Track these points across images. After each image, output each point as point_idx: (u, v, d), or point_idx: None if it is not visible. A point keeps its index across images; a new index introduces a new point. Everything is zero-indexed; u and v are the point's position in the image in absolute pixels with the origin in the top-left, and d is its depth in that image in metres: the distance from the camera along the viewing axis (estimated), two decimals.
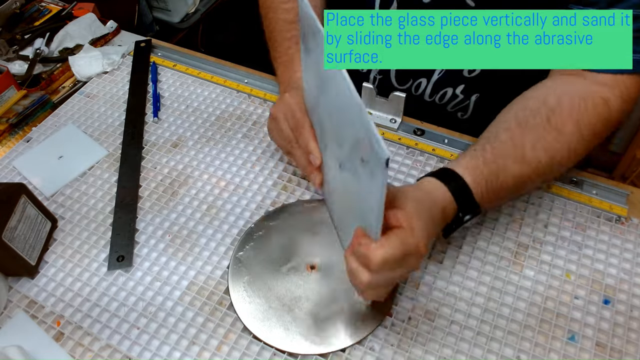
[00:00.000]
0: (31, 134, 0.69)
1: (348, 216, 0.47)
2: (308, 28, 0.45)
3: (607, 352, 0.47)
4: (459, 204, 0.48)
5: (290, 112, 0.54)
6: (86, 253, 0.56)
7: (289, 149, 0.56)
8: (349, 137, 0.40)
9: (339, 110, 0.41)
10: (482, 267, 0.53)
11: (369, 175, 0.37)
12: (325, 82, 0.44)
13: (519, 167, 0.49)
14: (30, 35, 0.81)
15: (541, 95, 0.53)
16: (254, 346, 0.48)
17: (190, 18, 1.59)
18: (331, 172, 0.50)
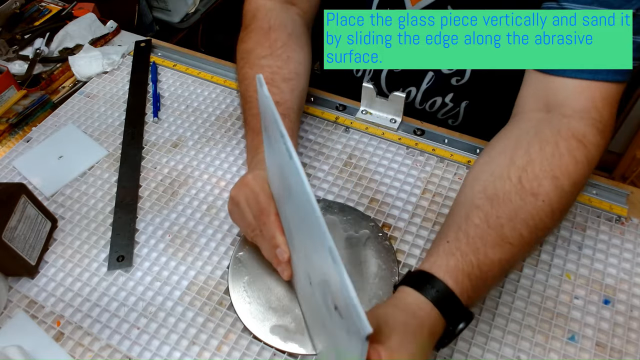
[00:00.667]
0: (31, 134, 0.69)
1: (321, 330, 0.43)
2: (269, 124, 0.39)
3: (607, 352, 0.47)
4: (448, 318, 0.42)
5: (252, 197, 0.47)
6: (86, 253, 0.56)
7: (252, 236, 0.49)
8: (318, 266, 0.35)
9: (306, 230, 0.36)
10: None
11: (345, 330, 0.32)
12: (289, 188, 0.37)
13: (500, 251, 0.43)
14: (30, 35, 0.81)
15: (507, 151, 0.48)
16: (254, 346, 0.48)
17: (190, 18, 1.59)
18: (299, 275, 0.44)
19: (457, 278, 0.42)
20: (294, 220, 0.40)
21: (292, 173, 0.34)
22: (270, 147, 0.42)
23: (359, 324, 0.28)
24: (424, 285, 0.42)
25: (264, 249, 0.48)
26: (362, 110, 0.68)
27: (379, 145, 0.65)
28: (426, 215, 0.57)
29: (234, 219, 0.52)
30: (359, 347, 0.30)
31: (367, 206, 0.58)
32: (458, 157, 0.62)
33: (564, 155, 0.45)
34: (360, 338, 0.29)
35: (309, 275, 0.39)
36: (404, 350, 0.37)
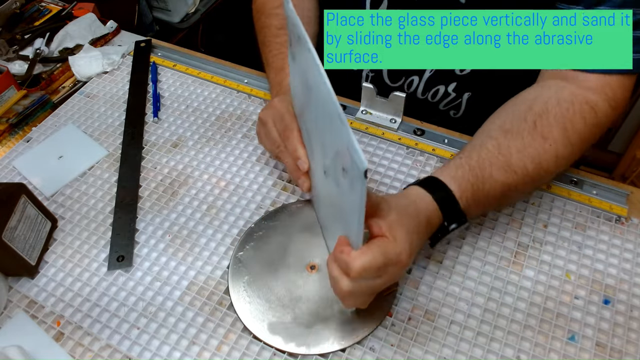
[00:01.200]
0: (31, 134, 0.69)
1: (333, 223, 0.47)
2: (293, 34, 0.45)
3: (607, 352, 0.47)
4: (444, 213, 0.47)
5: (278, 117, 0.54)
6: (86, 253, 0.56)
7: (277, 153, 0.55)
8: (332, 146, 0.40)
9: (323, 118, 0.41)
10: (482, 267, 0.53)
11: (349, 185, 0.37)
12: (310, 89, 0.43)
13: (504, 175, 0.49)
14: (30, 35, 0.81)
15: (528, 100, 0.53)
16: (254, 346, 0.48)
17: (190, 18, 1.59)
18: (317, 177, 0.49)
19: (459, 184, 0.47)
20: (314, 119, 0.45)
21: (311, 68, 0.40)
22: (294, 60, 0.47)
23: (357, 162, 0.32)
24: (430, 185, 0.48)
25: (286, 163, 0.54)
26: (362, 110, 0.68)
27: (379, 145, 0.65)
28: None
29: (261, 138, 0.59)
30: (359, 186, 0.34)
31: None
32: None
33: (576, 114, 0.50)
34: (359, 174, 0.33)
35: (325, 166, 0.44)
36: (403, 226, 0.42)
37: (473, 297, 0.51)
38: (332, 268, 0.42)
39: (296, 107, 0.53)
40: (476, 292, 0.51)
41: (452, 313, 0.50)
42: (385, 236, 0.41)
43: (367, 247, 0.40)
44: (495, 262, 0.53)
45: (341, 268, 0.41)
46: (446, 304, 0.50)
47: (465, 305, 0.50)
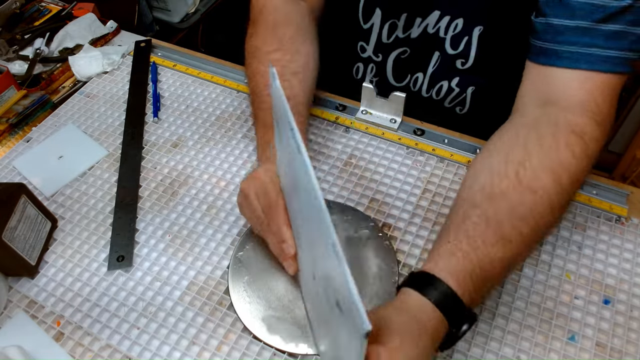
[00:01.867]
0: (31, 134, 0.69)
1: (323, 328, 0.43)
2: (279, 117, 0.40)
3: (607, 352, 0.47)
4: (450, 319, 0.41)
5: (262, 191, 0.48)
6: (86, 253, 0.56)
7: (259, 230, 0.50)
8: (322, 263, 0.35)
9: (312, 226, 0.36)
10: None
11: (345, 326, 0.32)
12: (297, 184, 0.38)
13: (501, 249, 0.43)
14: (30, 35, 0.81)
15: (503, 147, 0.48)
16: (254, 346, 0.48)
17: (190, 18, 1.59)
18: (305, 271, 0.44)
19: (458, 278, 0.41)
20: (301, 214, 0.40)
21: (299, 167, 0.35)
22: (281, 141, 0.42)
23: (358, 321, 0.28)
24: (426, 286, 0.41)
25: (270, 244, 0.48)
26: (362, 110, 0.68)
27: (379, 146, 0.65)
28: (426, 215, 0.57)
29: (243, 212, 0.52)
30: (358, 345, 0.29)
31: (367, 206, 0.58)
32: (458, 157, 0.62)
33: (561, 150, 0.45)
34: (359, 335, 0.28)
35: (314, 269, 0.39)
36: (404, 353, 0.37)
37: None
38: None
39: (283, 181, 0.47)
40: None
41: None
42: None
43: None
44: None
45: None
46: None
47: None
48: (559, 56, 0.48)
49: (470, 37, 0.63)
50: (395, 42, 0.68)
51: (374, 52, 0.69)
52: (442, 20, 0.63)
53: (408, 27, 0.66)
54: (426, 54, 0.68)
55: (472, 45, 0.64)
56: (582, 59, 0.47)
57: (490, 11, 0.60)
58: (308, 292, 0.46)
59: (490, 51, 0.64)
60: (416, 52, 0.68)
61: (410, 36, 0.66)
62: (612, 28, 0.46)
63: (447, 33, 0.64)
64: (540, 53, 0.50)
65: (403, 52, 0.69)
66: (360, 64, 0.73)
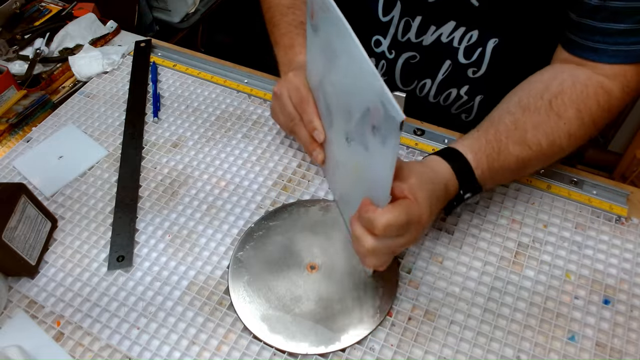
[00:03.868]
0: (31, 134, 0.69)
1: (354, 190, 0.48)
2: (316, 4, 0.46)
3: (607, 352, 0.47)
4: (461, 182, 0.49)
5: (294, 89, 0.55)
6: (86, 253, 0.56)
7: (291, 126, 0.57)
8: (359, 108, 0.41)
9: (350, 81, 0.42)
10: (482, 267, 0.53)
11: (380, 143, 0.38)
12: (334, 56, 0.44)
13: (519, 149, 0.51)
14: (30, 35, 0.81)
15: (545, 80, 0.54)
16: (254, 346, 0.48)
17: (190, 18, 1.59)
18: (337, 147, 0.51)
19: (476, 155, 0.50)
20: (337, 86, 0.46)
21: (338, 33, 0.41)
22: (316, 32, 0.48)
23: (393, 114, 0.33)
24: (447, 155, 0.50)
25: (301, 136, 0.56)
26: None
27: None
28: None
29: (275, 113, 0.60)
30: (393, 140, 0.35)
31: None
32: None
33: (590, 96, 0.52)
34: (395, 126, 0.34)
35: (347, 132, 0.45)
36: (423, 189, 0.44)
37: (473, 297, 0.51)
38: (355, 227, 0.44)
39: (312, 81, 0.54)
40: (476, 292, 0.51)
41: (452, 313, 0.50)
42: (408, 197, 0.42)
43: (391, 206, 0.41)
44: (495, 262, 0.53)
45: (365, 226, 0.43)
46: (446, 304, 0.50)
47: (465, 306, 0.50)
48: (610, 55, 0.52)
49: (484, 49, 0.63)
50: (407, 44, 0.67)
51: (389, 48, 0.69)
52: (457, 30, 0.63)
53: (421, 33, 0.65)
54: (437, 61, 0.67)
55: (485, 56, 0.64)
56: (628, 56, 0.52)
57: (507, 24, 0.60)
58: (339, 165, 0.52)
59: (504, 62, 0.64)
60: (427, 59, 0.68)
61: (423, 43, 0.66)
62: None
63: (460, 43, 0.64)
64: (588, 50, 0.54)
65: (413, 57, 0.68)
66: (373, 59, 0.72)
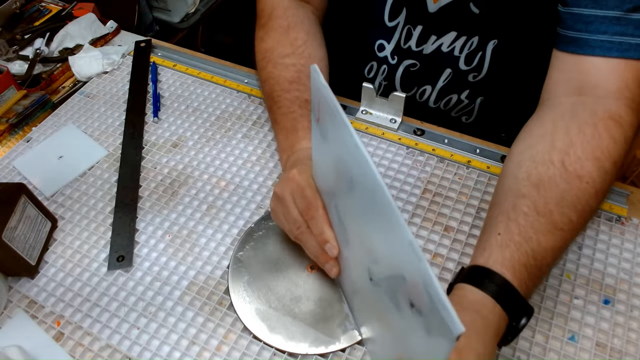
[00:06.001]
0: (31, 134, 0.69)
1: (383, 336, 0.41)
2: (326, 115, 0.38)
3: (607, 352, 0.47)
4: (509, 312, 0.41)
5: (299, 192, 0.46)
6: (86, 253, 0.56)
7: (297, 234, 0.47)
8: (387, 263, 0.34)
9: (373, 224, 0.35)
10: None
11: (424, 329, 0.31)
12: (352, 183, 0.37)
13: (552, 238, 0.44)
14: (30, 35, 0.81)
15: (546, 135, 0.48)
16: (254, 346, 0.48)
17: (190, 18, 1.59)
18: (355, 272, 0.43)
19: (514, 270, 0.42)
20: (353, 212, 0.39)
21: (357, 163, 0.34)
22: (324, 139, 0.40)
23: (449, 323, 0.27)
24: (482, 280, 0.42)
25: (309, 246, 0.47)
26: (362, 110, 0.68)
27: (379, 145, 0.65)
28: (426, 215, 0.57)
29: (277, 217, 0.50)
30: (445, 347, 0.29)
31: None
32: (458, 157, 0.62)
33: (603, 136, 0.46)
34: (450, 338, 0.28)
35: (370, 270, 0.38)
36: (472, 351, 0.37)
37: None
38: None
39: (321, 184, 0.45)
40: None
41: None
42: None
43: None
44: None
45: None
46: None
47: None
48: (591, 45, 0.48)
49: (484, 52, 0.63)
50: (408, 52, 0.67)
51: (392, 53, 0.68)
52: (458, 40, 0.62)
53: (422, 42, 0.65)
54: (437, 70, 0.67)
55: (485, 60, 0.63)
56: (613, 48, 0.47)
57: (505, 25, 0.60)
58: (358, 292, 0.45)
59: (503, 63, 0.63)
60: (427, 67, 0.67)
61: (423, 52, 0.66)
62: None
63: (462, 52, 0.63)
64: (571, 42, 0.50)
65: (413, 65, 0.68)
66: (375, 63, 0.72)
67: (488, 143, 0.64)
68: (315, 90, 0.38)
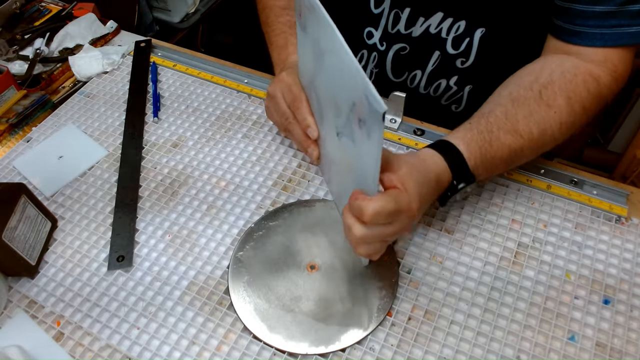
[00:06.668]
0: (31, 134, 0.69)
1: (346, 184, 0.48)
2: (303, 3, 0.46)
3: (607, 352, 0.47)
4: (454, 173, 0.49)
5: (287, 89, 0.56)
6: (86, 253, 0.56)
7: (286, 125, 0.57)
8: (346, 103, 0.42)
9: (337, 77, 0.43)
10: (482, 268, 0.53)
11: (366, 135, 0.38)
12: (322, 53, 0.45)
13: (511, 139, 0.51)
14: (30, 35, 0.81)
15: (534, 72, 0.55)
16: (254, 346, 0.48)
17: (190, 18, 1.59)
18: (329, 143, 0.51)
19: (468, 146, 0.50)
20: (326, 82, 0.46)
21: (324, 32, 0.42)
22: (304, 30, 0.48)
23: (375, 105, 0.34)
24: (440, 147, 0.50)
25: (295, 134, 0.57)
26: None
27: None
28: (426, 215, 0.57)
29: (270, 112, 0.61)
30: (377, 132, 0.35)
31: None
32: None
33: (579, 84, 0.52)
34: (377, 117, 0.34)
35: (337, 127, 0.46)
36: (413, 179, 0.44)
37: (473, 297, 0.51)
38: (346, 216, 0.44)
39: (304, 79, 0.55)
40: (476, 292, 0.51)
41: (452, 313, 0.50)
42: (397, 187, 0.43)
43: (380, 194, 0.42)
44: (495, 263, 0.53)
45: (355, 215, 0.43)
46: (446, 304, 0.50)
47: (465, 306, 0.50)
48: (590, 38, 0.54)
49: (471, 39, 0.64)
50: (397, 36, 0.68)
51: (380, 40, 0.70)
52: (445, 21, 0.64)
53: (410, 25, 0.66)
54: (426, 52, 0.68)
55: (473, 46, 0.64)
56: (610, 39, 0.53)
57: (493, 14, 0.61)
58: (333, 161, 0.52)
59: (491, 52, 0.64)
60: (416, 51, 0.68)
61: (412, 35, 0.67)
62: (635, 8, 0.51)
63: (449, 34, 0.65)
64: (572, 35, 0.55)
65: (403, 49, 0.69)
66: (365, 51, 0.73)
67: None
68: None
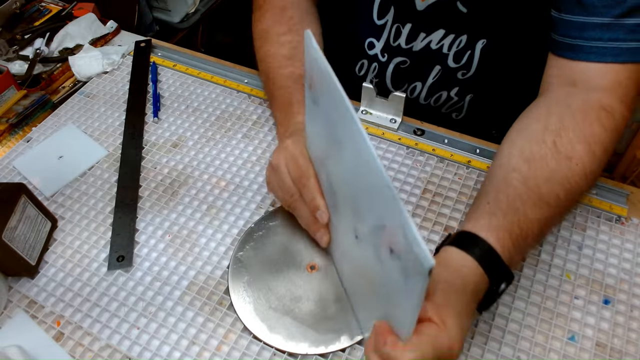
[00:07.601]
0: (31, 134, 0.69)
1: (366, 293, 0.43)
2: (318, 78, 0.39)
3: (607, 352, 0.47)
4: (490, 275, 0.42)
5: (292, 162, 0.48)
6: (86, 253, 0.56)
7: (290, 202, 0.50)
8: (372, 216, 0.36)
9: (360, 182, 0.36)
10: None
11: (401, 273, 0.32)
12: (339, 142, 0.38)
13: (539, 211, 0.45)
14: (30, 35, 0.81)
15: (540, 118, 0.50)
16: (254, 346, 0.48)
17: (190, 18, 1.59)
18: (342, 236, 0.45)
19: (498, 236, 0.43)
20: (342, 176, 0.40)
21: (345, 123, 0.35)
22: (316, 104, 0.42)
23: (421, 258, 0.28)
24: (466, 243, 0.43)
25: (302, 214, 0.49)
26: (362, 110, 0.68)
27: (379, 146, 0.65)
28: (426, 215, 0.57)
29: (272, 186, 0.52)
30: (419, 284, 0.29)
31: None
32: (458, 157, 0.62)
33: (594, 123, 0.48)
34: (423, 272, 0.28)
35: (356, 229, 0.40)
36: (450, 307, 0.37)
37: None
38: (372, 358, 0.37)
39: (313, 152, 0.48)
40: None
41: None
42: (434, 322, 0.36)
43: (416, 339, 0.35)
44: None
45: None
46: None
47: None
48: (586, 51, 0.50)
49: (473, 51, 0.63)
50: (398, 50, 0.67)
51: (382, 51, 0.69)
52: (446, 38, 0.63)
53: (411, 40, 0.65)
54: (427, 66, 0.67)
55: (474, 58, 0.64)
56: (607, 53, 0.49)
57: (494, 25, 0.60)
58: (347, 256, 0.46)
59: (492, 61, 0.64)
60: (417, 64, 0.68)
61: (413, 49, 0.66)
62: (633, 21, 0.48)
63: (450, 50, 0.64)
64: (567, 49, 0.52)
65: (403, 62, 0.68)
66: (365, 60, 0.72)
67: (488, 143, 0.64)
68: (308, 55, 0.39)
